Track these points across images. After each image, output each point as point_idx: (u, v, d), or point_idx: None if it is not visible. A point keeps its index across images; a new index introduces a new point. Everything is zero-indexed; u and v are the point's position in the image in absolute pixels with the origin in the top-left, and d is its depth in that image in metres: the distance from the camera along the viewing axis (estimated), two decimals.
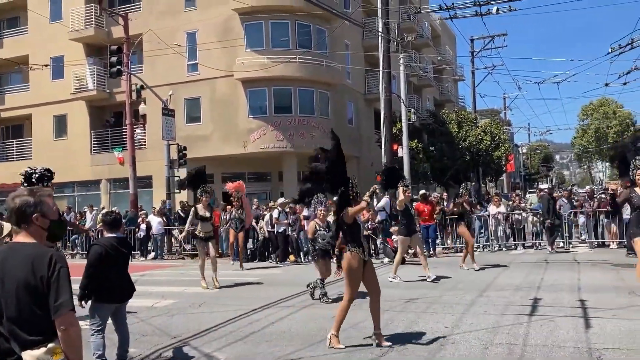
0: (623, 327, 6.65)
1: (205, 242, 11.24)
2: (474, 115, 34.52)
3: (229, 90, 26.31)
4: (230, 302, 9.52)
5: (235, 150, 25.59)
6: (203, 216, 11.12)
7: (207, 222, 11.19)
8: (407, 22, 32.20)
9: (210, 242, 11.28)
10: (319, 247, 9.33)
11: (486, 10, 17.78)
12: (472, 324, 7.15)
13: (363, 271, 6.35)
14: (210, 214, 11.28)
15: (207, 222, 11.19)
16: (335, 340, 6.29)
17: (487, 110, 49.48)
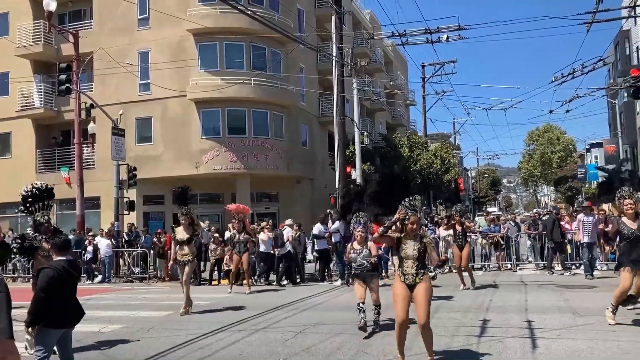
0: (567, 347, 6.85)
1: (182, 267, 10.83)
2: (425, 139, 35.28)
3: (182, 110, 26.03)
4: (180, 326, 9.30)
5: (187, 171, 25.23)
6: (179, 240, 10.77)
7: (183, 245, 10.74)
8: (360, 47, 32.80)
9: (186, 267, 10.82)
10: (354, 271, 8.67)
11: (437, 38, 18.29)
12: (424, 346, 7.19)
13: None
14: (191, 236, 10.86)
15: (183, 245, 10.74)
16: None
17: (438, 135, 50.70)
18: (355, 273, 8.60)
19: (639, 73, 25.08)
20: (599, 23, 15.74)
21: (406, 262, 6.27)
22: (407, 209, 6.34)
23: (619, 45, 44.94)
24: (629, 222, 8.13)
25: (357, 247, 8.56)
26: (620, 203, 8.27)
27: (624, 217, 8.21)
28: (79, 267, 5.98)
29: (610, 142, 49.33)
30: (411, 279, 6.24)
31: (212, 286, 16.19)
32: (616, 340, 7.11)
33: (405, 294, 6.23)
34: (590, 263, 14.23)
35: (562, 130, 72.98)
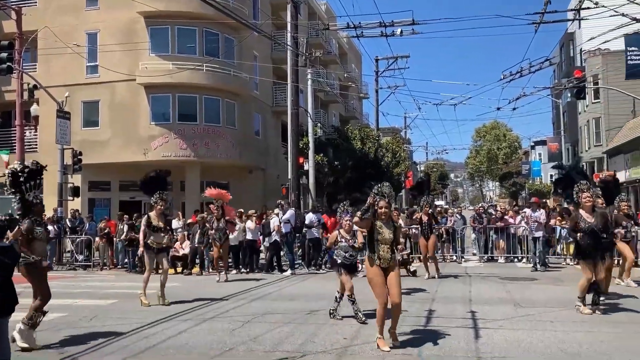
0: (508, 337, 7.06)
1: (157, 255, 10.40)
2: (377, 132, 35.59)
3: (131, 94, 25.36)
4: (124, 315, 9.09)
5: (135, 158, 24.62)
6: (156, 226, 10.26)
7: (160, 232, 10.34)
8: (315, 38, 32.71)
9: (163, 255, 10.52)
10: (342, 261, 8.41)
11: (391, 32, 18.42)
12: (370, 335, 7.28)
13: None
14: (165, 223, 10.45)
15: (160, 232, 10.34)
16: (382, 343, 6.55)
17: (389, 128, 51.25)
18: (344, 263, 8.39)
19: (582, 74, 26.10)
20: (547, 24, 16.23)
21: (382, 246, 6.66)
22: (375, 195, 6.74)
23: (564, 46, 46.53)
24: (587, 215, 8.48)
25: (346, 236, 8.53)
26: (579, 196, 8.58)
27: (582, 210, 8.54)
28: (15, 254, 5.71)
29: (553, 141, 51.19)
30: (386, 263, 6.67)
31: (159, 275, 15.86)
32: (553, 331, 7.39)
33: (382, 276, 6.68)
34: (542, 256, 14.74)
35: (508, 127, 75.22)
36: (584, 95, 28.14)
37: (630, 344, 6.64)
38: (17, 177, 7.27)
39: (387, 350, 6.39)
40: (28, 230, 7.16)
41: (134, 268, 16.44)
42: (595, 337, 6.96)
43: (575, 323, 7.86)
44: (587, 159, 43.12)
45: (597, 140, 39.52)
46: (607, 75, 34.85)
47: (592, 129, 40.32)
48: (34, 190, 7.41)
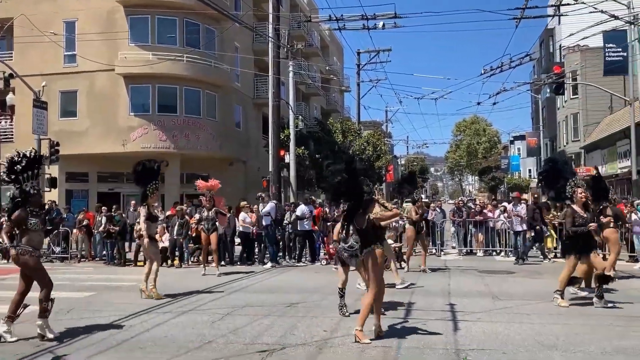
0: (486, 329, 7.14)
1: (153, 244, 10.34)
2: (358, 126, 35.65)
3: (110, 85, 25.03)
4: (102, 308, 8.98)
5: (113, 149, 24.34)
6: (157, 215, 10.43)
7: (156, 222, 10.50)
8: (297, 30, 32.57)
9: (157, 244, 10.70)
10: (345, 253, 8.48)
11: (373, 25, 18.43)
12: (351, 327, 7.29)
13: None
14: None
15: (156, 222, 10.50)
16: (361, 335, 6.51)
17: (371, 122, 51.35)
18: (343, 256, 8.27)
19: (561, 70, 26.40)
20: (527, 19, 16.35)
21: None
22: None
23: (544, 42, 47.01)
24: (580, 210, 8.59)
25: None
26: (574, 191, 8.68)
27: (575, 205, 8.67)
28: None
29: (532, 135, 51.74)
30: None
31: (138, 267, 15.75)
32: (530, 323, 7.48)
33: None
34: (524, 250, 14.91)
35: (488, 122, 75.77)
36: (562, 91, 28.48)
37: (604, 335, 6.76)
38: (14, 166, 7.08)
39: (368, 343, 6.41)
40: (21, 220, 6.97)
41: (112, 260, 16.27)
42: (571, 329, 7.06)
43: (551, 315, 7.97)
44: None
45: (575, 136, 40.08)
46: (586, 71, 35.31)
47: (570, 125, 40.87)
48: (31, 181, 7.18)
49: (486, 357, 5.90)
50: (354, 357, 5.99)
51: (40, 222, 7.17)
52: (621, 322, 7.54)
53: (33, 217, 7.07)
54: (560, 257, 15.24)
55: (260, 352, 6.17)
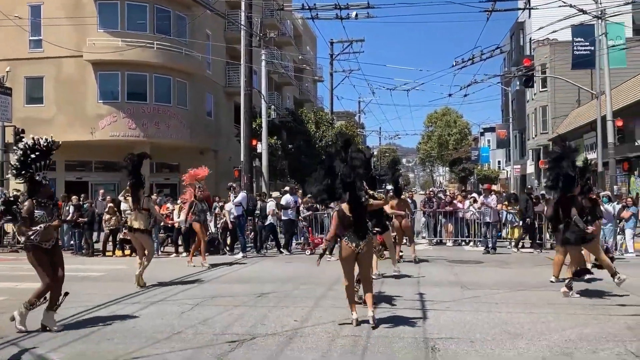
0: (455, 318, 7.24)
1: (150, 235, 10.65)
2: (331, 116, 35.62)
3: (77, 71, 24.49)
4: (69, 298, 8.78)
5: (81, 137, 23.87)
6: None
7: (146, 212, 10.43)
8: (269, 18, 32.33)
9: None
10: None
11: (346, 15, 18.39)
12: (321, 317, 7.34)
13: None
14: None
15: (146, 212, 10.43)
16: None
17: (344, 112, 51.44)
18: None
19: (530, 63, 26.78)
20: (498, 12, 16.51)
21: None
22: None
23: (514, 35, 47.61)
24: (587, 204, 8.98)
25: None
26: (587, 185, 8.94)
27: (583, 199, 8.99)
28: None
29: (502, 127, 52.49)
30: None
31: (107, 257, 15.54)
32: (498, 312, 7.62)
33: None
34: (492, 240, 15.12)
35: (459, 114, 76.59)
36: (532, 84, 28.94)
37: (568, 324, 6.92)
38: (27, 154, 6.82)
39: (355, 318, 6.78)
40: (27, 211, 6.73)
41: (80, 250, 16.00)
42: (537, 318, 7.21)
43: (518, 304, 8.12)
44: (533, 146, 44.50)
45: (544, 128, 40.79)
46: (555, 64, 35.91)
47: (539, 117, 41.57)
48: (43, 171, 6.95)
49: (454, 346, 5.98)
50: (324, 346, 6.01)
51: (47, 214, 6.89)
52: (584, 310, 7.73)
53: (40, 209, 6.83)
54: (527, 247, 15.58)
55: (230, 343, 6.15)
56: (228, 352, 5.84)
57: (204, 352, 5.88)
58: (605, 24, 20.93)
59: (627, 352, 5.72)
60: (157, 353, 5.83)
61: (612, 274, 8.69)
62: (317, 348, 5.97)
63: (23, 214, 6.75)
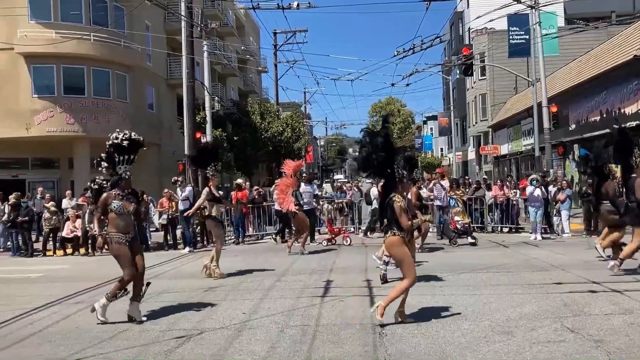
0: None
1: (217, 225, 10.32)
2: (277, 107, 35.47)
3: (9, 65, 23.37)
4: (5, 302, 8.49)
5: (16, 133, 22.84)
6: (220, 197, 10.32)
7: (220, 203, 10.39)
8: (211, 9, 31.79)
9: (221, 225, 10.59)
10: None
11: (287, 4, 18.34)
12: (270, 308, 7.35)
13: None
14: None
15: (220, 203, 10.39)
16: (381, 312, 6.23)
17: (289, 103, 51.28)
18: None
19: (469, 52, 27.43)
20: (437, 2, 16.82)
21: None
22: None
23: (454, 25, 48.62)
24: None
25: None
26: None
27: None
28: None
29: (444, 116, 53.71)
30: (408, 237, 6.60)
31: (47, 257, 15.01)
32: (442, 295, 7.83)
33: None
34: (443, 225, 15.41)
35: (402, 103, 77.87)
36: (471, 72, 29.58)
37: (509, 304, 7.19)
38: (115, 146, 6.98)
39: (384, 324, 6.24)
40: (103, 202, 6.94)
41: (19, 251, 15.38)
42: (479, 299, 7.46)
43: (461, 287, 8.37)
44: (473, 133, 45.72)
45: (484, 115, 41.96)
46: (493, 53, 36.95)
47: (479, 105, 42.72)
48: (125, 165, 7.09)
49: (401, 330, 6.11)
50: (273, 338, 6.02)
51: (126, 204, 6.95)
52: (523, 290, 8.05)
53: (118, 200, 6.89)
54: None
55: (178, 338, 6.08)
56: (175, 348, 5.77)
57: (151, 349, 5.78)
58: (539, 13, 21.65)
59: (564, 327, 6.00)
60: (102, 353, 5.69)
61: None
62: (266, 339, 5.97)
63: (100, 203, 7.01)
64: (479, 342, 5.60)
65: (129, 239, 6.99)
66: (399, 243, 6.37)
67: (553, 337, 5.69)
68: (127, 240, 6.96)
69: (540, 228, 15.03)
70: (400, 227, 6.34)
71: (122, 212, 6.92)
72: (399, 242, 6.37)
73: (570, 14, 36.58)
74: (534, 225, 14.97)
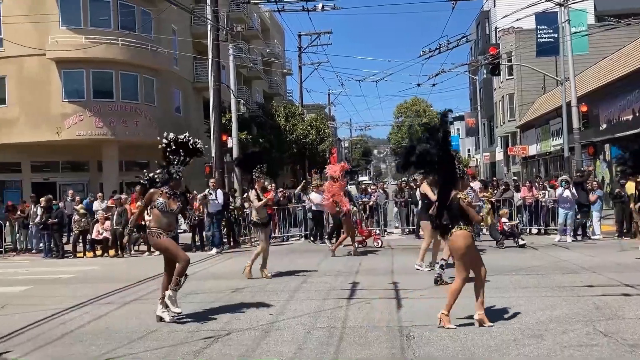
0: (429, 305, 7.31)
1: (265, 228, 10.32)
2: (301, 109, 35.58)
3: (41, 70, 23.90)
4: (38, 302, 8.67)
5: (47, 137, 23.35)
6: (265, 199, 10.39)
7: (266, 207, 10.54)
8: (236, 12, 32.03)
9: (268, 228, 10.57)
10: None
11: (312, 7, 18.37)
12: (296, 310, 7.35)
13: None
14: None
15: (266, 207, 10.54)
16: (446, 320, 6.14)
17: (314, 105, 51.39)
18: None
19: (496, 51, 27.13)
20: (464, 1, 16.65)
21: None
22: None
23: (480, 24, 48.12)
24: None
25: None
26: None
27: None
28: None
29: (470, 116, 53.14)
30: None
31: (77, 259, 15.29)
32: (470, 297, 7.71)
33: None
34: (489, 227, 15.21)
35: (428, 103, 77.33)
36: (498, 72, 29.30)
37: (538, 306, 7.07)
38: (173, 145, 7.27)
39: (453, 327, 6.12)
40: (148, 197, 7.06)
41: (50, 253, 15.70)
42: (509, 302, 7.34)
43: (490, 289, 8.22)
44: (501, 134, 45.16)
45: (511, 116, 41.41)
46: (520, 52, 36.45)
47: (506, 105, 42.18)
48: (179, 166, 7.29)
49: (428, 333, 6.06)
50: (300, 339, 6.02)
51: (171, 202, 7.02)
52: (553, 292, 7.91)
53: (164, 198, 7.00)
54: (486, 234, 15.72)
55: (206, 339, 6.13)
56: (204, 349, 5.81)
57: (180, 349, 5.84)
58: (568, 11, 21.28)
59: (596, 331, 5.87)
60: (132, 353, 5.77)
61: None
62: (293, 341, 5.98)
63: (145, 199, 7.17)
64: (508, 346, 5.52)
65: (169, 236, 7.07)
66: (468, 236, 6.26)
67: (585, 340, 5.58)
68: (167, 237, 7.04)
69: (571, 230, 14.74)
70: (468, 222, 6.23)
71: (165, 210, 6.99)
72: (468, 236, 6.25)
73: (600, 11, 35.90)
74: (561, 227, 14.72)
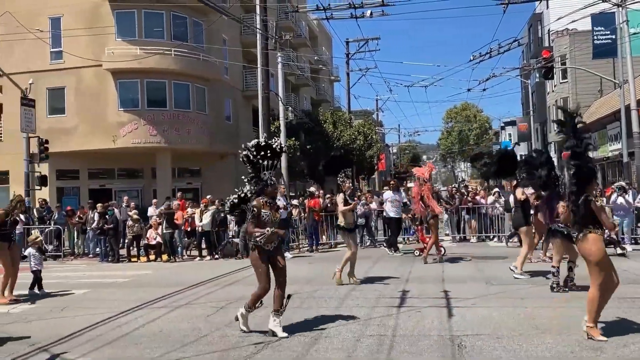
0: (480, 315, 7.17)
1: (351, 233, 10.37)
2: (349, 115, 35.57)
3: (98, 81, 24.82)
4: (96, 305, 8.96)
5: (103, 145, 24.19)
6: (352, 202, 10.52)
7: (351, 211, 10.55)
8: (285, 21, 32.40)
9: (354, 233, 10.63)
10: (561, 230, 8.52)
11: (361, 13, 18.37)
12: (345, 317, 7.33)
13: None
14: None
15: (351, 211, 10.55)
16: (595, 332, 5.93)
17: (361, 111, 51.30)
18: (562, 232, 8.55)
19: (549, 55, 26.42)
20: (515, 4, 16.34)
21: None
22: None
23: (532, 27, 46.99)
24: None
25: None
26: None
27: None
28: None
29: (523, 121, 51.91)
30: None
31: (131, 263, 15.74)
32: (523, 307, 7.53)
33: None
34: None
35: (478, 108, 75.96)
36: (551, 76, 28.52)
37: None
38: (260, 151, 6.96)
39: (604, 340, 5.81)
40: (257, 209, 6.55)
41: (106, 257, 16.22)
42: (564, 313, 7.11)
43: (544, 299, 8.02)
44: (555, 139, 43.82)
45: None
46: (575, 55, 35.38)
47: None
48: (270, 171, 6.96)
49: (480, 342, 5.93)
50: (350, 347, 6.00)
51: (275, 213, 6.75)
52: (612, 303, 7.58)
53: (267, 209, 6.62)
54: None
55: (256, 344, 6.18)
56: (254, 354, 5.87)
57: (231, 354, 5.92)
58: (626, 11, 20.53)
59: None
60: (184, 357, 5.89)
61: None
62: (342, 348, 5.96)
63: (255, 211, 6.57)
64: (566, 358, 5.34)
65: (271, 248, 6.64)
66: (600, 240, 6.07)
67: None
68: (270, 250, 6.63)
69: (630, 238, 14.17)
70: (600, 226, 6.10)
71: (270, 221, 6.59)
72: (600, 239, 6.07)
73: None
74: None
